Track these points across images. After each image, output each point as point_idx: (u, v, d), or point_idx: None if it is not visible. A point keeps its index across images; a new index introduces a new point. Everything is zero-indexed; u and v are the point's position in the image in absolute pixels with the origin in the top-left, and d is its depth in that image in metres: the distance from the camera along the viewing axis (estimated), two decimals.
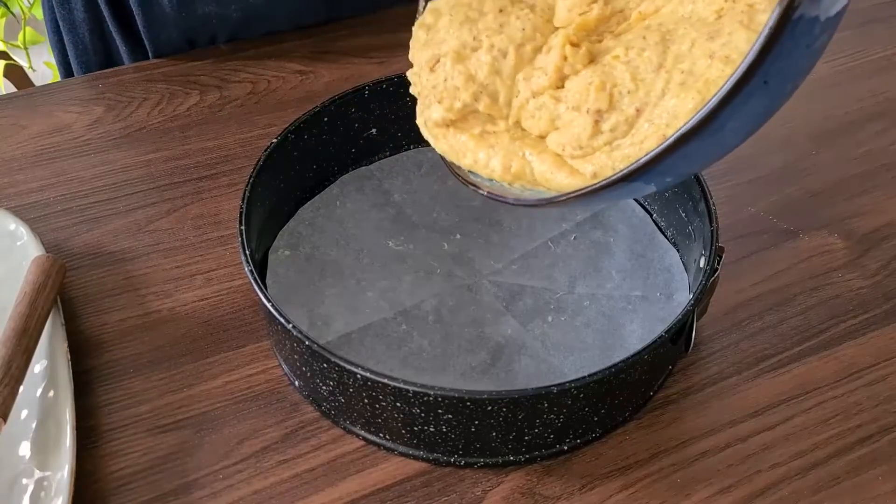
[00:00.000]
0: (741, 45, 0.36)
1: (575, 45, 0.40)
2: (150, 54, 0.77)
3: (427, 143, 0.45)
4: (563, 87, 0.40)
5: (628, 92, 0.38)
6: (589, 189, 0.37)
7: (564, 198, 0.38)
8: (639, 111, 0.38)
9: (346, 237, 0.57)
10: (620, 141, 0.38)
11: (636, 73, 0.38)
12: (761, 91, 0.32)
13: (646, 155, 0.35)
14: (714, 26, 0.38)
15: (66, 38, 0.78)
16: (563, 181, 0.39)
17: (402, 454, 0.47)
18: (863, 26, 0.81)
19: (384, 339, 0.50)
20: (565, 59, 0.40)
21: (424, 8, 0.48)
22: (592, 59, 0.40)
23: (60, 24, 0.78)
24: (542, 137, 0.41)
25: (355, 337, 0.50)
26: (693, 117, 0.33)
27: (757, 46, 0.31)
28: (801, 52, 0.32)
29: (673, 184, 0.54)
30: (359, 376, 0.43)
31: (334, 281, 0.54)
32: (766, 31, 0.30)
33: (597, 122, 0.39)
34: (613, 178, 0.36)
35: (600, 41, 0.41)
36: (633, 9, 0.41)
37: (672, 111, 0.37)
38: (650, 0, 0.41)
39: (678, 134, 0.33)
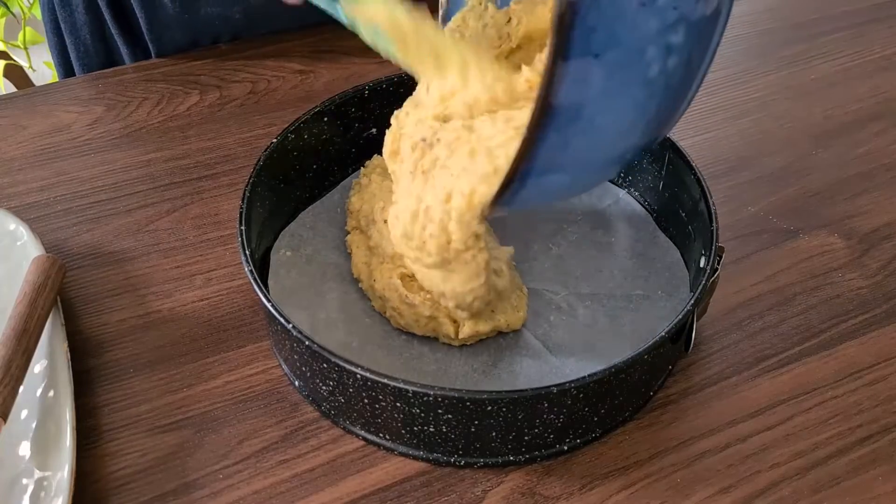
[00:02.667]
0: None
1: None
2: (153, 56, 0.77)
3: None
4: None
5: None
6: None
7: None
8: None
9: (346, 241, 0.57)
10: None
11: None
12: (598, 65, 0.31)
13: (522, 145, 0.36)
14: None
15: (67, 41, 0.79)
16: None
17: (402, 454, 0.47)
18: (863, 26, 0.81)
19: (385, 349, 0.50)
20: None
21: None
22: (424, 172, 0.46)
23: (62, 25, 0.78)
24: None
25: (356, 346, 0.50)
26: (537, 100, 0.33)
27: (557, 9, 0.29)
28: (634, 11, 0.30)
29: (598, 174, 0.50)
30: (359, 376, 0.43)
31: (335, 285, 0.54)
32: None
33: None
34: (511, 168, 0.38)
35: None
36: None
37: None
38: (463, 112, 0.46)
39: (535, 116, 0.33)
